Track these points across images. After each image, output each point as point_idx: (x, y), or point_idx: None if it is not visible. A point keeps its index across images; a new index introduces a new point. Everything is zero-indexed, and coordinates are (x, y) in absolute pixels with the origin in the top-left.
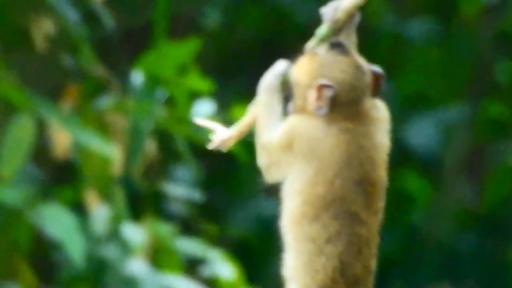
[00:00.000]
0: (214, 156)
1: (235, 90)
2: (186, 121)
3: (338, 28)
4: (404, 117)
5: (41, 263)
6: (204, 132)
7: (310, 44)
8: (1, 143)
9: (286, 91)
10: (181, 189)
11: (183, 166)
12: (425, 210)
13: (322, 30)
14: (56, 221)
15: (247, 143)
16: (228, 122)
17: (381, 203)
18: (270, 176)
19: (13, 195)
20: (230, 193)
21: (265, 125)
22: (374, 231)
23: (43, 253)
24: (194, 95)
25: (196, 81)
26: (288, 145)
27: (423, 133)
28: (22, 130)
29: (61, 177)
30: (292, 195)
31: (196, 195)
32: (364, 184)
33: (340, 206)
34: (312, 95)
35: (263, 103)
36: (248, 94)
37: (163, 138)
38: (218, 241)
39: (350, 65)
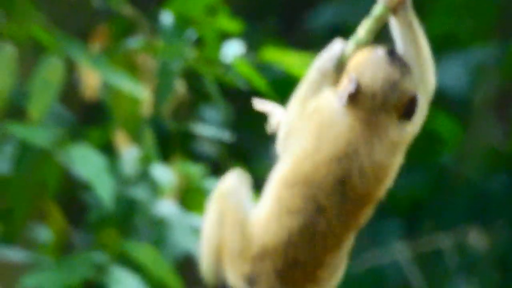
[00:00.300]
0: (243, 97)
1: (264, 31)
2: (215, 61)
3: (393, 8)
4: (433, 58)
5: (70, 205)
6: (233, 73)
7: (365, 25)
8: (30, 84)
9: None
10: (210, 129)
11: (212, 107)
12: (454, 151)
13: (377, 10)
14: (85, 162)
15: (276, 83)
16: (257, 63)
17: (359, 219)
18: (281, 146)
19: (42, 136)
20: (259, 134)
21: (300, 98)
22: (336, 235)
23: (72, 195)
24: (223, 36)
25: (226, 21)
26: (310, 114)
27: (452, 73)
28: (51, 71)
29: (90, 118)
30: (288, 156)
31: (225, 135)
32: (345, 186)
33: (313, 191)
34: (344, 83)
35: (310, 79)
36: (277, 35)
37: (192, 78)
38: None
39: (385, 76)
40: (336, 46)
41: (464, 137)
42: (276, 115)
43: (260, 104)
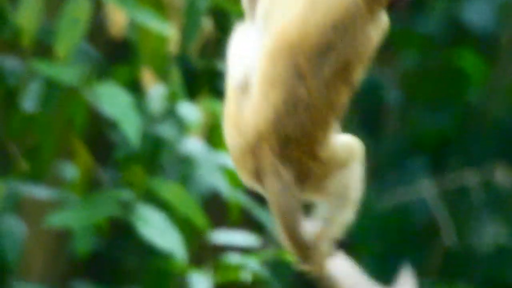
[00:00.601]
0: None
1: None
2: None
3: None
4: None
5: (96, 143)
6: None
7: None
8: (57, 22)
9: None
10: None
11: None
12: (481, 88)
13: None
14: (112, 100)
15: None
16: None
17: (340, 96)
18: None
19: (69, 74)
20: None
21: None
22: (319, 109)
23: (98, 133)
24: None
25: None
26: None
27: (478, 10)
28: (77, 9)
29: (117, 56)
30: (274, 24)
31: None
32: (330, 56)
33: (296, 59)
34: None
35: None
36: None
37: (219, 16)
38: None
39: None
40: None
41: (491, 75)
42: None
43: None
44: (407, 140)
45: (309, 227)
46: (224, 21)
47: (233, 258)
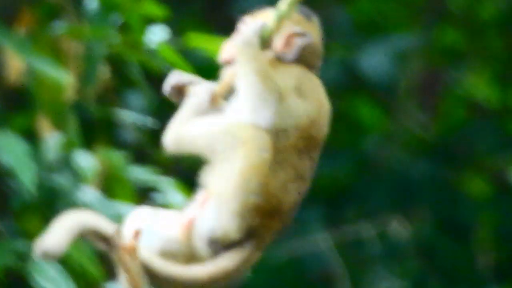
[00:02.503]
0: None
1: (189, 17)
2: (139, 47)
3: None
4: (357, 44)
5: None
6: (157, 59)
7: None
8: None
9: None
10: (134, 116)
11: (136, 93)
12: (377, 137)
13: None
14: (7, 149)
15: (200, 69)
16: (181, 49)
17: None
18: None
19: None
20: None
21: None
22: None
23: None
24: (148, 21)
25: (150, 6)
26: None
27: (376, 60)
28: None
29: (13, 104)
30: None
31: (149, 122)
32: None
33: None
34: (281, 43)
35: (247, 57)
36: (202, 20)
37: (117, 64)
38: (170, 169)
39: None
40: (255, 24)
41: (387, 124)
42: (197, 85)
43: (177, 77)
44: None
45: None
46: (122, 69)
47: None
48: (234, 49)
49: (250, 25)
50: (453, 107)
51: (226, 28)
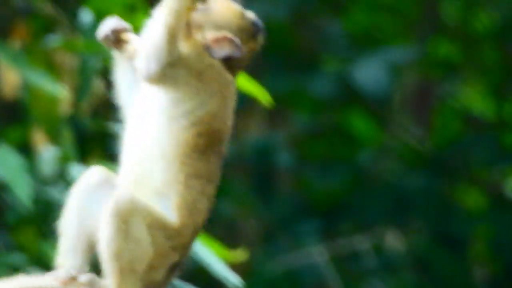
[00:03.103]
0: None
1: None
2: None
3: None
4: (352, 57)
5: None
6: None
7: None
8: None
9: None
10: None
11: None
12: (372, 150)
13: None
14: (2, 162)
15: None
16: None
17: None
18: (161, 75)
19: None
20: None
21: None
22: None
23: None
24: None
25: (144, 19)
26: (198, 72)
27: (371, 72)
28: None
29: (8, 117)
30: (185, 123)
31: None
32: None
33: (221, 144)
34: (214, 37)
35: (172, 11)
36: None
37: (111, 77)
38: None
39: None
40: None
41: (382, 137)
42: (133, 40)
43: (117, 22)
44: (299, 203)
45: None
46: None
47: None
48: None
49: None
50: (448, 120)
51: None
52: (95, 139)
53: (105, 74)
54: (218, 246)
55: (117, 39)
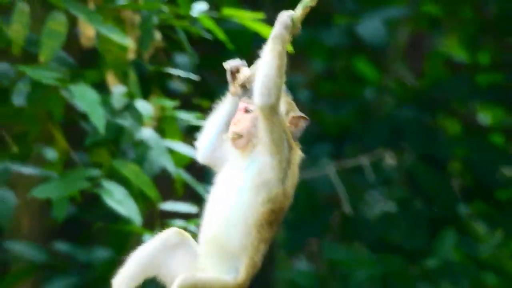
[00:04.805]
0: (207, 44)
1: None
2: (185, 16)
3: None
4: (358, 14)
5: (71, 131)
6: (199, 26)
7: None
8: (40, 34)
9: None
10: (180, 71)
11: (182, 53)
12: (373, 89)
13: None
14: (82, 97)
15: (232, 33)
16: (218, 19)
17: None
18: (275, 109)
19: (49, 76)
20: (220, 74)
21: (277, 67)
22: None
23: (73, 123)
24: None
25: None
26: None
27: (373, 27)
28: (56, 24)
29: (87, 62)
30: (264, 197)
31: (192, 76)
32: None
33: (283, 216)
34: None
35: (277, 49)
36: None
37: (167, 30)
38: (209, 113)
39: None
40: (286, 15)
41: (382, 78)
42: (245, 70)
43: (231, 63)
44: (314, 131)
45: None
46: (171, 34)
47: (177, 223)
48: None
49: (285, 12)
50: (434, 64)
51: (253, 3)
52: (155, 79)
53: (162, 28)
54: None
55: (234, 73)
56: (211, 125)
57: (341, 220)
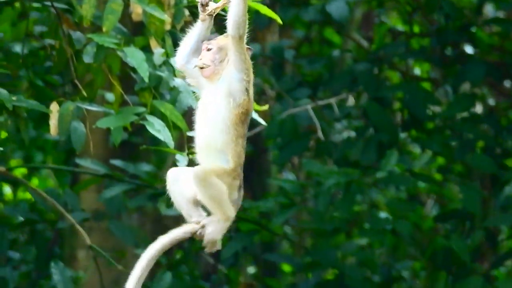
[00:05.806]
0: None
1: None
2: None
3: None
4: None
5: (125, 80)
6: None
7: None
8: (103, 12)
9: None
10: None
11: None
12: (338, 51)
13: None
14: (133, 56)
15: None
16: None
17: None
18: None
19: (109, 41)
20: None
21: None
22: None
23: (126, 74)
24: None
25: None
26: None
27: (339, 5)
28: (115, 4)
29: (136, 31)
30: (237, 103)
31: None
32: None
33: (249, 116)
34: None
35: None
36: None
37: (193, 8)
38: None
39: None
40: None
41: (345, 43)
42: (212, 4)
43: None
44: (296, 79)
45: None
46: (196, 12)
47: None
48: None
49: None
50: (381, 33)
51: None
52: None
53: (189, 7)
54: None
55: (204, 5)
56: (186, 42)
57: (316, 143)
